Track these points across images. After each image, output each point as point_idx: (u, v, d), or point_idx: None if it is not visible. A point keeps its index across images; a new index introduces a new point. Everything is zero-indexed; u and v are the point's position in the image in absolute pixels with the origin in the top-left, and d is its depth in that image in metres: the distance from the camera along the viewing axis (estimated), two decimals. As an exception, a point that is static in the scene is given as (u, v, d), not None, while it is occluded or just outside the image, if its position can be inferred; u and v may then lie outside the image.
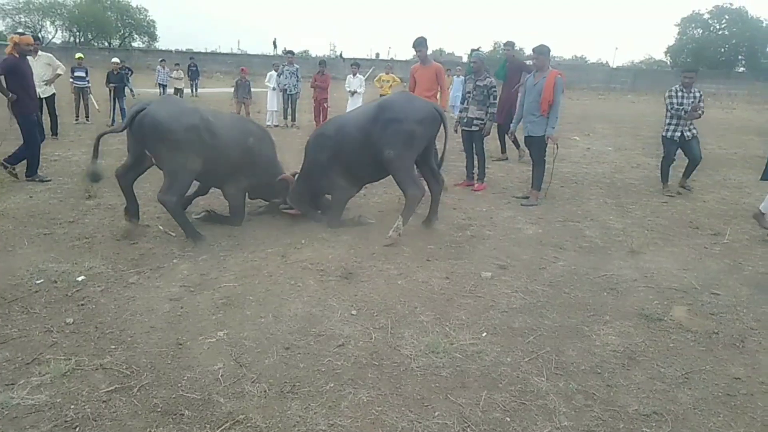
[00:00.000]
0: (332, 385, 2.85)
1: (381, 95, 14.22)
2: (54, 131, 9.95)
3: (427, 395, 2.80)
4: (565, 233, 5.51)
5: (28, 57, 7.24)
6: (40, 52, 9.37)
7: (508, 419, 2.64)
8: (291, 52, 14.61)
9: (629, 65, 53.21)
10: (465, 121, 7.08)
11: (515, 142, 9.11)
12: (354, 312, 3.64)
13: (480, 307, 3.80)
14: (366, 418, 2.60)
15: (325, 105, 12.65)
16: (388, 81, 14.23)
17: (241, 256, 4.59)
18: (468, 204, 6.49)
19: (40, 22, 51.60)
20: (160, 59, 19.45)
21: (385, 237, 4.95)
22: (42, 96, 9.39)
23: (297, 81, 13.05)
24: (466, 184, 7.33)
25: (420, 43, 7.21)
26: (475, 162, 7.28)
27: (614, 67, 49.23)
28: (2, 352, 3.00)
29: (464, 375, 2.99)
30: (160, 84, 17.18)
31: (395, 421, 2.59)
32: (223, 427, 2.49)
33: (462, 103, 7.21)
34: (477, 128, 7.00)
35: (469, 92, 7.03)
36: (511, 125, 6.98)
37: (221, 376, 2.88)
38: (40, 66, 9.11)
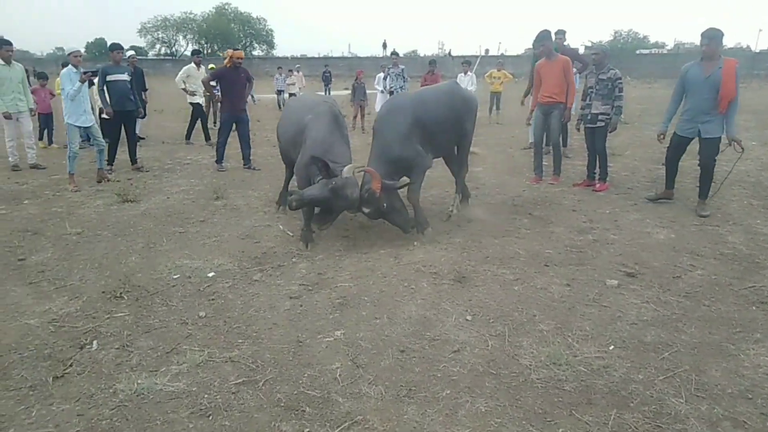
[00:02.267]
0: (449, 391, 2.78)
1: (492, 92, 14.02)
2: (188, 136, 10.88)
3: (549, 410, 2.64)
4: (702, 238, 4.98)
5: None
6: (201, 67, 10.62)
7: (643, 444, 2.42)
8: (395, 54, 14.42)
9: (775, 48, 47.34)
10: (589, 117, 6.65)
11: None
12: (469, 317, 3.55)
13: (606, 317, 3.53)
14: (485, 429, 2.51)
15: None
16: (498, 78, 13.94)
17: (355, 256, 4.68)
18: (589, 206, 6.10)
19: (174, 37, 57.09)
20: (277, 66, 20.50)
21: (446, 212, 5.70)
22: (191, 102, 10.53)
23: (404, 81, 12.69)
24: (586, 185, 6.91)
25: (544, 37, 6.83)
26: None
27: (757, 51, 44.13)
28: (147, 340, 3.30)
29: (590, 390, 2.78)
30: (278, 90, 18.09)
31: (516, 436, 2.47)
32: (342, 426, 2.53)
33: (584, 99, 6.75)
34: (603, 123, 6.55)
35: (590, 87, 6.61)
36: (661, 125, 6.07)
37: (339, 375, 2.93)
38: (201, 76, 10.02)
